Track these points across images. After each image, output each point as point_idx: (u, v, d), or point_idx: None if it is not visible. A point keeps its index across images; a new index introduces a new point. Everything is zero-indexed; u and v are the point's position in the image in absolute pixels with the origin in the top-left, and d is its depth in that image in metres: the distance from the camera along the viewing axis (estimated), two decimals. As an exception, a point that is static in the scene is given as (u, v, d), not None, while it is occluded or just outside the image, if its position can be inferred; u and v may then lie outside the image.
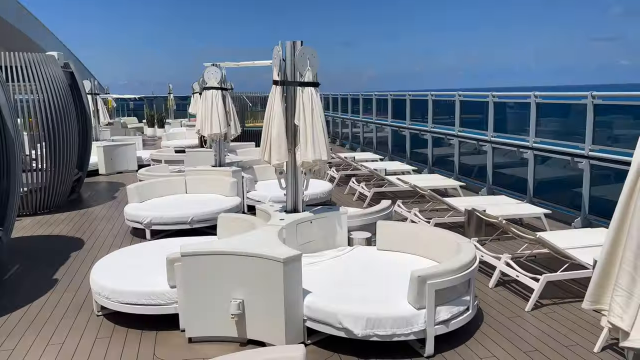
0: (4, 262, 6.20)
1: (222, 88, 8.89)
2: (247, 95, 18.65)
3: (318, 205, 6.05)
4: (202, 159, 9.89)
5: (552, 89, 11.60)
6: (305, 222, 5.09)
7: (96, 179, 12.07)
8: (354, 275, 4.54)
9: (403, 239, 5.07)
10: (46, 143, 8.62)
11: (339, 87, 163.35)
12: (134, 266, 4.85)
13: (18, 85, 8.32)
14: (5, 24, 17.66)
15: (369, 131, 16.37)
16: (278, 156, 5.03)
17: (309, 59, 4.95)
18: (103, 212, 8.79)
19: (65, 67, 9.92)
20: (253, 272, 3.94)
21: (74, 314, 4.75)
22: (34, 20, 21.01)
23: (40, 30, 21.80)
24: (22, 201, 8.39)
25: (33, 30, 20.62)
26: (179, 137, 17.43)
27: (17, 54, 8.32)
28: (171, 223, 6.96)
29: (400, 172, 10.58)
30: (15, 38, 19.36)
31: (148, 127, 23.57)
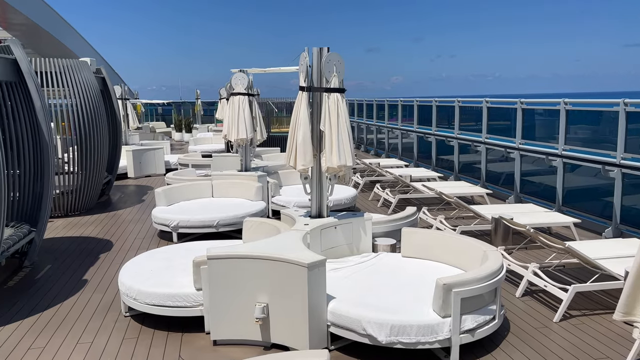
0: (37, 262, 6.38)
1: (249, 94, 8.99)
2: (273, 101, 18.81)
3: (342, 210, 6.06)
4: (229, 164, 10.00)
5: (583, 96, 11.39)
6: (330, 227, 5.10)
7: (125, 182, 12.32)
8: (379, 282, 4.52)
9: (428, 246, 5.03)
10: (78, 147, 8.85)
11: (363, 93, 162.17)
12: (161, 268, 4.93)
13: (52, 90, 8.57)
14: (41, 30, 18.23)
15: (394, 137, 16.31)
16: (303, 161, 5.06)
17: (335, 65, 4.98)
18: (131, 214, 8.97)
19: (97, 73, 10.18)
20: (278, 276, 3.96)
21: (103, 314, 4.85)
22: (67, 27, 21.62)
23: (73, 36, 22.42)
24: (54, 203, 8.62)
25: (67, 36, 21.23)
26: (205, 141, 17.67)
27: (52, 60, 8.57)
28: (198, 226, 7.06)
29: (426, 179, 10.51)
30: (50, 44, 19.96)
31: (176, 132, 23.97)
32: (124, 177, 12.78)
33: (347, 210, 7.55)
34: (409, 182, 9.49)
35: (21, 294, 5.37)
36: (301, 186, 5.45)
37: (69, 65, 8.71)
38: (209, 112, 27.80)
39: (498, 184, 10.24)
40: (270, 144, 14.59)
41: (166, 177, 9.65)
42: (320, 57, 5.02)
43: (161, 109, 31.29)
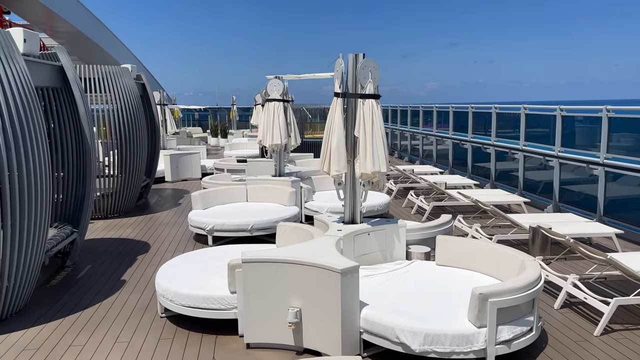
0: (78, 262, 6.59)
1: (283, 100, 9.08)
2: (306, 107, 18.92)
3: (375, 217, 6.03)
4: (263, 169, 10.11)
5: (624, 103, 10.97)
6: (363, 233, 5.09)
7: (162, 186, 12.60)
8: (412, 290, 4.48)
9: (463, 255, 4.96)
10: (118, 150, 9.12)
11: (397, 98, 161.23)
12: (197, 271, 5.02)
13: (95, 96, 8.87)
14: (85, 38, 18.90)
15: (428, 144, 16.14)
16: (337, 167, 5.07)
17: (370, 71, 4.98)
18: (168, 217, 9.16)
19: (137, 79, 10.48)
20: (311, 281, 3.98)
21: (140, 314, 4.97)
22: (110, 35, 22.35)
23: (115, 43, 23.14)
24: (94, 205, 8.89)
25: (109, 44, 21.93)
26: (240, 147, 17.91)
27: (95, 67, 8.87)
28: (232, 230, 7.15)
29: (461, 186, 10.36)
30: (94, 51, 20.67)
31: (212, 137, 24.38)
32: (161, 180, 13.08)
33: (380, 216, 7.50)
34: (444, 189, 9.38)
35: (63, 293, 5.56)
36: (334, 192, 5.46)
37: (111, 71, 9.00)
38: (244, 117, 28.20)
39: (536, 192, 10.00)
40: (304, 149, 14.67)
41: (202, 181, 9.82)
42: (356, 63, 5.03)
43: (198, 114, 31.92)
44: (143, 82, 10.83)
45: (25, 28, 5.64)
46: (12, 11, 15.66)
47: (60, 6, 16.05)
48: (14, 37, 5.08)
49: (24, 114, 4.69)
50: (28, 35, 5.34)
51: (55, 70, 6.30)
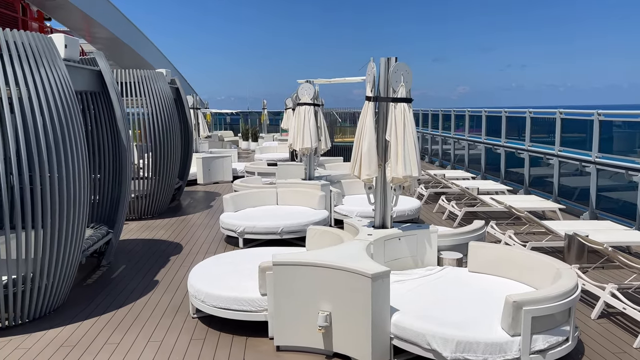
0: (113, 262, 6.75)
1: (314, 104, 9.11)
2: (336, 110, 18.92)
3: (406, 222, 5.98)
4: (293, 172, 10.15)
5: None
6: (394, 238, 5.06)
7: (195, 188, 12.80)
8: (444, 296, 4.42)
9: (496, 262, 4.87)
10: (152, 153, 9.32)
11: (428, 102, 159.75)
12: (228, 272, 5.07)
13: (130, 100, 9.10)
14: (122, 44, 19.41)
15: (460, 148, 15.93)
16: (368, 171, 5.05)
17: (402, 75, 4.96)
18: (200, 219, 9.30)
19: (171, 83, 10.70)
20: (341, 285, 3.97)
21: (172, 314, 5.06)
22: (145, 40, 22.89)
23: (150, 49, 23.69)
24: (129, 206, 9.10)
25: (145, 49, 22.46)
26: (271, 150, 18.05)
27: (131, 71, 9.10)
28: (262, 233, 7.21)
29: (494, 192, 10.18)
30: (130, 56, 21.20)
31: (243, 141, 24.65)
32: (193, 183, 13.28)
33: (411, 221, 7.44)
34: (476, 194, 9.23)
35: (99, 292, 5.70)
36: (363, 196, 5.44)
37: (146, 76, 9.21)
38: (274, 121, 28.44)
39: (572, 199, 9.75)
40: (334, 153, 14.68)
41: (234, 184, 9.94)
42: (388, 67, 5.01)
43: (229, 118, 32.34)
44: (177, 86, 11.04)
45: (65, 34, 5.83)
46: (53, 18, 16.21)
47: (99, 13, 16.54)
48: (56, 43, 5.26)
49: (65, 117, 4.84)
50: (69, 41, 5.52)
51: (94, 75, 6.49)
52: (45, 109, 4.63)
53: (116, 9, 18.53)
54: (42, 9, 15.28)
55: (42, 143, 4.57)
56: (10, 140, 4.45)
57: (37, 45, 4.79)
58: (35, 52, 4.73)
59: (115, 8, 18.45)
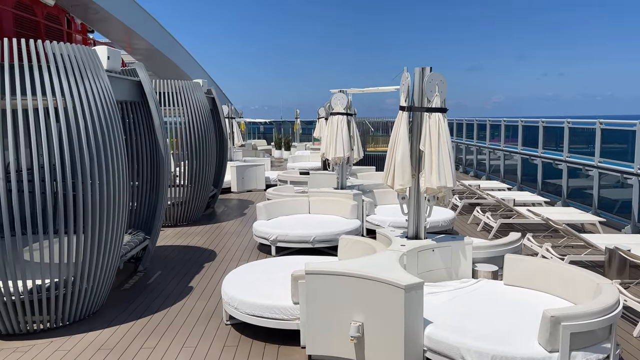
0: (149, 268, 6.90)
1: (347, 113, 9.14)
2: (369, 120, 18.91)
3: (439, 233, 5.91)
4: (325, 181, 10.18)
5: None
6: (427, 249, 5.00)
7: (228, 196, 12.98)
8: (479, 309, 4.34)
9: (533, 275, 4.75)
10: (188, 161, 9.51)
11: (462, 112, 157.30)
12: (261, 280, 5.12)
13: (168, 109, 9.33)
14: (160, 55, 19.94)
15: (495, 158, 15.66)
16: (401, 181, 5.02)
17: (437, 84, 4.93)
18: (234, 227, 9.42)
19: (208, 93, 10.92)
20: (373, 296, 3.95)
21: (206, 320, 5.13)
22: (183, 51, 23.44)
23: (188, 59, 24.25)
24: (165, 213, 9.30)
25: (182, 59, 23.00)
26: (303, 159, 18.15)
27: (169, 82, 9.34)
28: (295, 241, 7.25)
29: (531, 204, 9.96)
30: (168, 67, 21.75)
31: (276, 150, 24.88)
32: (227, 191, 13.47)
33: (445, 233, 7.34)
34: (512, 206, 9.06)
35: (135, 296, 5.84)
36: (396, 206, 5.41)
37: (184, 86, 9.44)
38: (307, 130, 28.61)
39: (612, 211, 9.43)
40: (366, 162, 14.64)
41: (266, 192, 10.03)
42: (422, 76, 4.99)
43: (263, 127, 32.73)
44: (213, 96, 11.26)
45: (108, 46, 6.04)
46: (96, 30, 16.81)
47: (139, 25, 17.06)
48: (100, 55, 5.46)
49: (106, 126, 5.01)
50: (111, 52, 5.72)
51: (135, 85, 6.69)
52: (88, 119, 4.81)
53: (155, 21, 19.07)
54: (86, 22, 15.87)
55: (84, 151, 4.74)
56: (55, 148, 4.63)
57: (82, 57, 4.98)
58: (80, 64, 4.92)
59: (154, 20, 18.99)
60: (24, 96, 4.58)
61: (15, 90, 4.55)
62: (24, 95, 4.58)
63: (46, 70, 4.69)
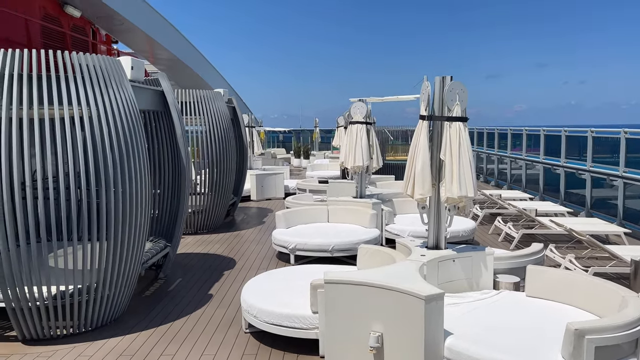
0: (170, 275, 6.97)
1: (366, 122, 9.14)
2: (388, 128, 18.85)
3: (460, 243, 5.85)
4: (344, 190, 10.17)
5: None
6: (448, 260, 4.96)
7: (248, 204, 13.06)
8: (500, 321, 4.28)
9: (556, 287, 4.67)
10: (209, 170, 9.61)
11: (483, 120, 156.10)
12: (281, 289, 5.13)
13: (190, 118, 9.45)
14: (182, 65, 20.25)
15: (517, 168, 15.47)
16: (421, 190, 4.99)
17: (458, 93, 4.90)
18: (253, 235, 9.47)
19: (228, 103, 11.03)
20: (393, 306, 3.92)
21: (225, 328, 5.15)
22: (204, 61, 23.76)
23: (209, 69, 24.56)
24: (186, 221, 9.39)
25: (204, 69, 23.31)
26: (322, 168, 18.18)
27: (191, 91, 9.48)
28: (313, 250, 7.25)
29: (553, 214, 9.80)
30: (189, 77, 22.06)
31: (294, 158, 24.98)
32: (247, 199, 13.55)
33: (465, 243, 7.26)
34: (534, 216, 8.92)
35: (156, 303, 5.89)
36: (415, 215, 5.38)
37: (205, 95, 9.56)
38: (326, 139, 28.67)
39: (638, 222, 9.22)
40: (385, 171, 14.59)
41: (286, 201, 10.07)
42: (443, 85, 4.97)
43: (282, 136, 32.93)
44: (234, 105, 11.38)
45: (132, 56, 6.16)
46: (120, 41, 17.17)
47: (161, 35, 17.37)
48: (124, 65, 5.57)
49: (130, 135, 5.10)
50: (135, 63, 5.83)
51: (157, 95, 6.80)
52: (112, 128, 4.90)
53: (177, 31, 19.39)
54: (110, 33, 16.22)
55: (108, 159, 4.83)
56: (80, 156, 4.73)
57: (107, 67, 5.09)
58: (104, 74, 5.03)
59: (177, 30, 19.31)
60: (50, 106, 4.70)
61: (43, 100, 4.67)
62: (50, 105, 4.70)
63: (72, 81, 4.81)
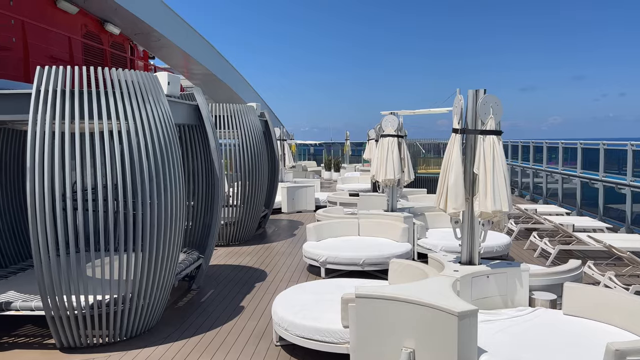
0: (202, 286, 7.06)
1: (398, 135, 9.11)
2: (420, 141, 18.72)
3: (494, 259, 5.74)
4: (375, 203, 10.13)
5: None
6: (482, 276, 4.87)
7: (279, 217, 13.14)
8: (536, 340, 4.16)
9: (595, 305, 4.52)
10: (241, 182, 9.73)
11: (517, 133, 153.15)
12: (312, 302, 5.12)
13: (223, 132, 9.62)
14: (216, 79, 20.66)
15: (553, 182, 15.11)
16: (454, 205, 4.94)
17: (492, 107, 4.85)
18: (284, 247, 9.51)
19: (261, 117, 11.18)
20: (426, 322, 3.87)
21: (256, 340, 5.17)
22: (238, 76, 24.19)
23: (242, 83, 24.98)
24: (218, 233, 9.51)
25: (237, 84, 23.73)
26: (353, 181, 18.15)
27: (225, 105, 9.66)
28: (344, 263, 7.23)
29: (592, 229, 9.51)
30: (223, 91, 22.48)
31: (325, 171, 25.04)
32: (278, 211, 13.64)
33: (500, 258, 7.12)
34: (571, 231, 8.68)
35: (189, 314, 5.97)
36: (448, 229, 5.32)
37: (238, 109, 9.72)
38: (356, 152, 28.67)
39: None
40: (417, 185, 14.47)
41: (316, 213, 10.08)
42: (476, 99, 4.93)
43: (313, 149, 33.09)
44: (266, 119, 11.53)
45: (168, 72, 6.34)
46: (157, 56, 17.67)
47: (196, 50, 17.81)
48: (161, 80, 5.73)
49: (165, 149, 5.23)
50: (171, 78, 5.99)
51: (192, 109, 6.96)
52: (148, 141, 5.04)
53: (212, 47, 19.84)
54: (148, 49, 16.72)
55: (144, 172, 4.96)
56: (118, 169, 4.87)
57: (144, 83, 5.24)
58: (142, 89, 5.18)
59: (211, 46, 19.75)
60: (90, 120, 4.87)
61: (83, 115, 4.84)
62: (90, 119, 4.87)
63: (111, 96, 4.97)
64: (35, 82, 4.79)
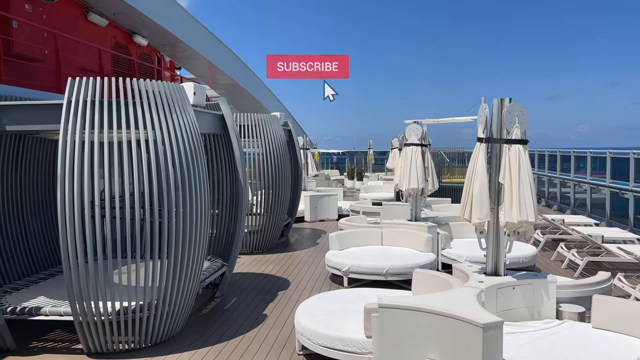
0: (226, 294, 7.11)
1: (422, 144, 9.06)
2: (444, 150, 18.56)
3: (520, 270, 5.64)
4: (398, 213, 10.07)
5: None
6: (507, 287, 4.79)
7: (302, 225, 13.16)
8: (564, 353, 4.07)
9: (626, 319, 4.40)
10: (265, 191, 9.80)
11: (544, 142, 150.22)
12: (334, 311, 5.11)
13: (247, 141, 9.72)
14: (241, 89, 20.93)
15: (581, 192, 14.79)
16: (479, 214, 4.88)
17: (517, 116, 4.80)
18: (306, 256, 9.52)
19: (284, 126, 11.26)
20: (450, 333, 3.82)
21: (279, 349, 5.18)
22: (262, 86, 24.46)
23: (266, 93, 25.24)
24: (242, 241, 9.58)
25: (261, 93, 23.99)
26: (376, 190, 18.09)
27: (249, 115, 9.77)
28: (367, 273, 7.19)
29: (621, 241, 9.25)
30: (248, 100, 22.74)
31: (348, 180, 25.01)
32: (301, 220, 13.67)
33: (526, 269, 6.99)
34: (601, 243, 8.48)
35: (212, 322, 6.02)
36: (473, 240, 5.25)
37: (263, 119, 9.82)
38: (379, 161, 28.58)
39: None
40: (441, 194, 14.33)
41: (339, 222, 10.07)
42: (501, 108, 4.88)
43: (336, 157, 33.11)
44: (289, 128, 11.61)
45: (194, 82, 6.45)
46: (183, 67, 18.00)
47: (222, 61, 18.09)
48: (187, 91, 5.84)
49: (191, 158, 5.31)
50: (197, 88, 6.09)
51: (217, 119, 7.06)
52: (175, 150, 5.13)
53: (237, 57, 20.11)
54: (174, 60, 17.05)
55: (170, 180, 5.05)
56: (145, 177, 4.97)
57: (171, 93, 5.35)
58: (169, 99, 5.28)
59: (236, 57, 20.03)
60: (118, 129, 4.98)
61: (112, 124, 4.96)
62: (118, 129, 4.98)
63: (139, 106, 5.08)
64: (67, 93, 4.93)
